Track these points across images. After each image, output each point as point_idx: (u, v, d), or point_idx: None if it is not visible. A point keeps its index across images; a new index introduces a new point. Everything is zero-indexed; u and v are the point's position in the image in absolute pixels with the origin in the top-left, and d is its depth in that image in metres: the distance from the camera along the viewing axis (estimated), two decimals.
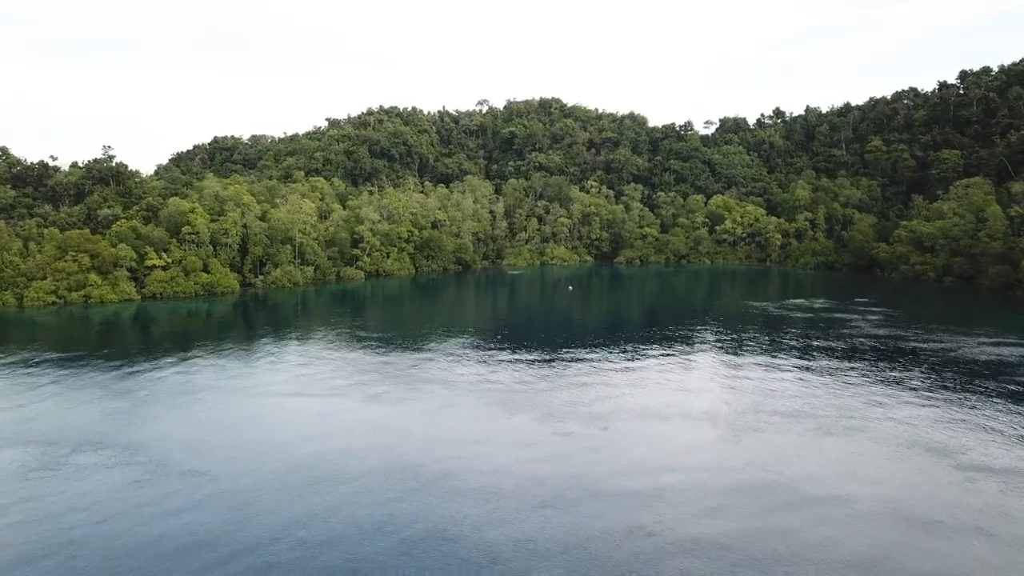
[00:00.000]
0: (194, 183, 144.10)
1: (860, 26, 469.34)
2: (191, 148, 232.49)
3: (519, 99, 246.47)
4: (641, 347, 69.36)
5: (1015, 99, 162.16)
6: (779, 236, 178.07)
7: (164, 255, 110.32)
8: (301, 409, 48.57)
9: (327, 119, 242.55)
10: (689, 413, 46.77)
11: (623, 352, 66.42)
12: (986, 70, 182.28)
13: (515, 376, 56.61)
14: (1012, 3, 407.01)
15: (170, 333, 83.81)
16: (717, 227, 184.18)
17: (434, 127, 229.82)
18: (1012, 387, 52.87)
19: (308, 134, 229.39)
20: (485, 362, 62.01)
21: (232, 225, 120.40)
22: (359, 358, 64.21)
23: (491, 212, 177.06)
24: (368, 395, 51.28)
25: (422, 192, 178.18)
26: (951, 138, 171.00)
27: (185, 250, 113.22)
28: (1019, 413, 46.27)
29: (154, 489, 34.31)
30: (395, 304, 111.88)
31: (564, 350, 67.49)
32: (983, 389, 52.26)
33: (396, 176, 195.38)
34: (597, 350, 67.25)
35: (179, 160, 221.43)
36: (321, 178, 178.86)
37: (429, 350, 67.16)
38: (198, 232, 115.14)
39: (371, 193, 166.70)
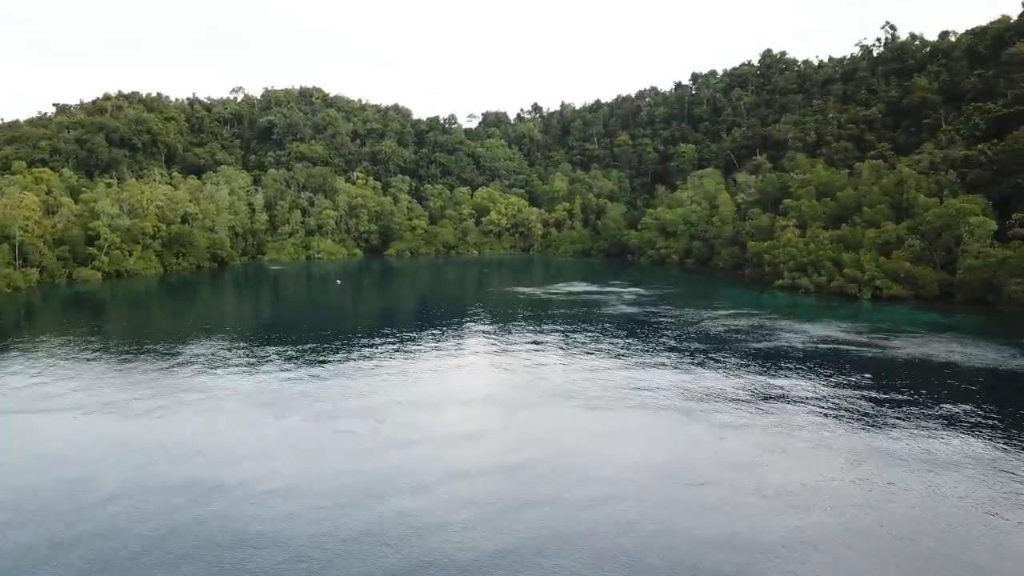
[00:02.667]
0: None
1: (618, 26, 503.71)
2: None
3: (277, 87, 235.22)
4: (414, 338, 68.19)
5: (736, 99, 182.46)
6: (540, 226, 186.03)
7: None
8: (31, 429, 41.25)
9: (55, 104, 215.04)
10: (464, 399, 46.33)
11: (396, 344, 64.81)
12: (713, 73, 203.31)
13: (283, 376, 52.80)
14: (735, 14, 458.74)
15: None
16: (483, 218, 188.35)
17: (183, 115, 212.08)
18: (745, 352, 58.58)
19: (31, 120, 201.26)
20: (249, 364, 57.30)
21: None
22: (101, 368, 56.34)
23: (250, 204, 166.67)
24: (113, 408, 44.76)
25: (170, 184, 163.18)
26: (687, 133, 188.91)
27: None
28: (752, 374, 51.16)
29: None
30: (141, 307, 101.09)
31: (335, 346, 64.40)
32: (723, 356, 57.32)
33: (139, 167, 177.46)
34: (370, 344, 65.01)
35: None
36: (48, 169, 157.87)
37: (183, 355, 60.72)
38: None
39: (109, 185, 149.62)
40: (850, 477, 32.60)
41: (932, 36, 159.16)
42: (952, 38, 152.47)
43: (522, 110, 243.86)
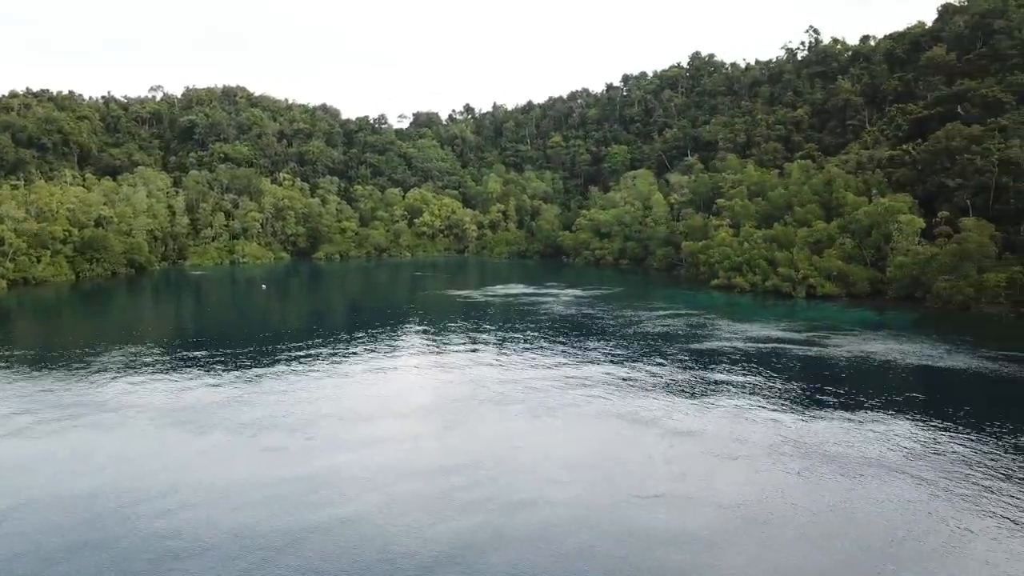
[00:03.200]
0: None
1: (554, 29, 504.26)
2: None
3: (199, 86, 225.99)
4: (345, 345, 64.94)
5: (667, 101, 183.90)
6: (475, 227, 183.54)
7: None
8: None
9: None
10: (400, 411, 43.65)
11: (326, 352, 61.46)
12: (643, 75, 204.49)
13: (204, 389, 49.02)
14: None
15: None
16: (416, 220, 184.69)
17: (97, 114, 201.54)
18: (688, 354, 57.54)
19: None
20: (166, 377, 53.15)
21: None
22: (1, 384, 51.40)
23: (169, 207, 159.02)
24: (15, 429, 40.38)
25: (83, 186, 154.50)
26: (619, 135, 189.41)
27: None
28: (697, 377, 50.02)
29: None
30: (50, 316, 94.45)
31: (260, 356, 60.62)
32: (666, 358, 56.10)
33: (49, 168, 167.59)
34: (298, 353, 61.41)
35: None
36: None
37: (94, 369, 55.98)
38: None
39: (15, 187, 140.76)
40: (807, 484, 31.39)
41: (853, 40, 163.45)
42: (872, 42, 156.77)
43: (454, 111, 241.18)
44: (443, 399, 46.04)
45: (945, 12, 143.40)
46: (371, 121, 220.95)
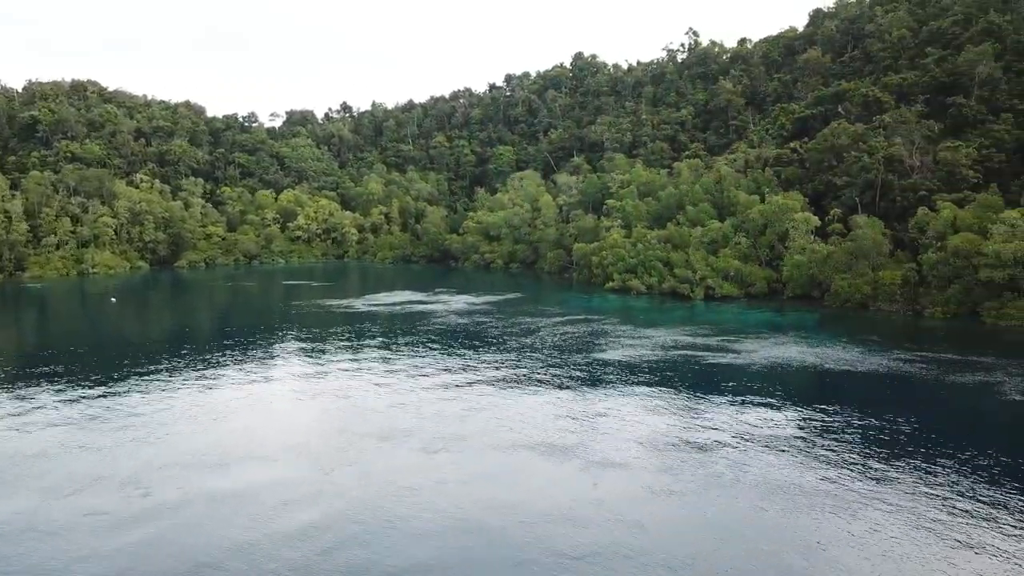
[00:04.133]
0: None
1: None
2: None
3: (43, 80, 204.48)
4: (203, 369, 55.63)
5: (551, 101, 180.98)
6: (355, 231, 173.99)
7: None
8: None
9: None
10: (264, 452, 35.79)
11: (179, 379, 52.16)
12: (526, 75, 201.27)
13: (15, 431, 39.23)
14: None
15: None
16: (290, 224, 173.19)
17: None
18: (594, 366, 52.41)
19: None
20: None
21: None
22: None
23: (5, 212, 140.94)
24: None
25: None
26: (504, 135, 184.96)
27: None
28: (609, 392, 44.82)
29: None
30: None
31: (95, 384, 50.59)
32: (572, 372, 50.75)
33: None
34: (143, 379, 51.82)
35: None
36: None
37: None
38: None
39: None
40: (765, 524, 26.34)
41: (731, 43, 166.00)
42: (749, 45, 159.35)
43: (330, 109, 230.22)
44: (320, 433, 38.57)
45: (816, 17, 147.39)
46: (240, 119, 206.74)
